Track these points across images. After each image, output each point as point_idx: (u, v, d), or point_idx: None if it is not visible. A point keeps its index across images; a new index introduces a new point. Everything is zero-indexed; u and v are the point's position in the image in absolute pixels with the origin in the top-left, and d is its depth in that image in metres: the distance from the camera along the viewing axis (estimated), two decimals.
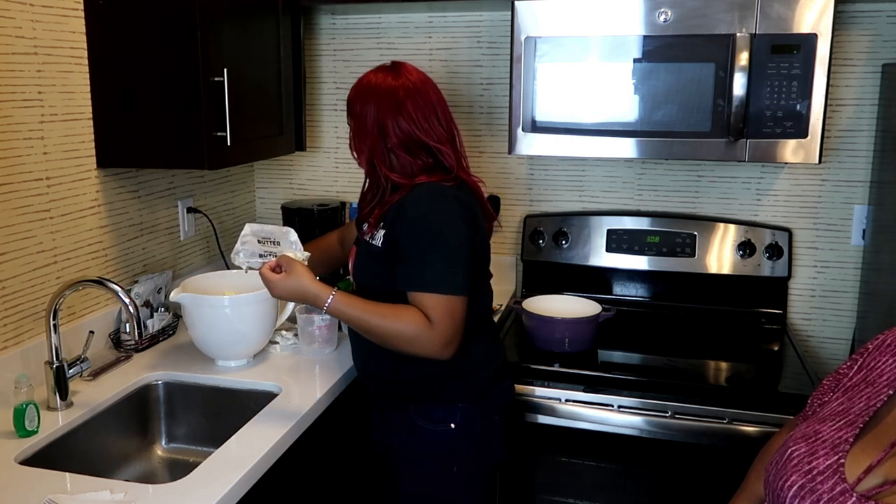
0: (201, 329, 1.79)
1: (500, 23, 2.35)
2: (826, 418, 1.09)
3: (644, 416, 1.82)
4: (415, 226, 1.52)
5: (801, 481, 1.00)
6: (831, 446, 1.02)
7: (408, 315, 1.49)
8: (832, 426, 1.06)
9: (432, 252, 1.50)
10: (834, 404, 1.12)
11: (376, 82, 1.59)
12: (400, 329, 1.49)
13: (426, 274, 1.50)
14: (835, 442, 1.03)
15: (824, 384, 1.21)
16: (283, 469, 1.52)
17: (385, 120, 1.57)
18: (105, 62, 1.80)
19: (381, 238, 1.58)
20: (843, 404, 1.10)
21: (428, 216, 1.52)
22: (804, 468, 1.01)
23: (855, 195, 2.21)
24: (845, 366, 1.18)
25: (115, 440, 1.67)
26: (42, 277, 1.72)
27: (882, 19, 2.11)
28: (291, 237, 1.68)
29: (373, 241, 1.60)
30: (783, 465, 1.04)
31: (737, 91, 1.84)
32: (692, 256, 2.26)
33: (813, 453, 1.03)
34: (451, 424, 1.60)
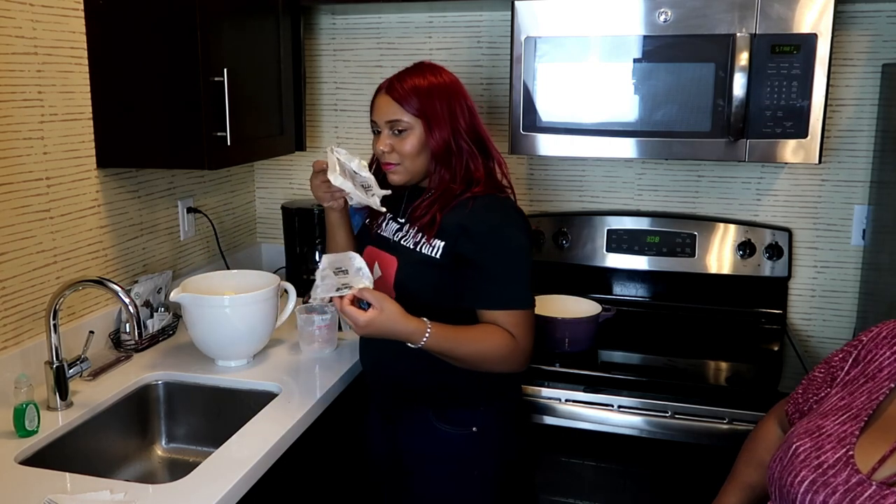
0: (201, 329, 1.79)
1: (500, 23, 2.35)
2: (828, 413, 1.09)
3: (644, 416, 1.82)
4: (492, 243, 1.51)
5: (813, 476, 1.00)
6: (837, 440, 1.03)
7: (496, 336, 1.49)
8: (835, 421, 1.06)
9: (512, 270, 1.51)
10: (833, 399, 1.12)
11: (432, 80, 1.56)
12: (493, 352, 1.49)
13: (508, 292, 1.51)
14: (840, 436, 1.03)
15: (817, 376, 1.21)
16: (283, 469, 1.52)
17: (455, 110, 1.54)
18: (105, 62, 1.80)
19: (440, 249, 1.52)
20: (843, 399, 1.10)
21: (503, 233, 1.52)
22: (813, 463, 1.02)
23: (855, 195, 2.21)
24: (838, 357, 1.18)
25: (115, 440, 1.67)
26: (42, 277, 1.72)
27: (882, 19, 2.11)
28: (356, 263, 1.51)
29: (424, 250, 1.54)
30: (789, 461, 1.05)
31: (737, 91, 1.84)
32: (692, 256, 2.26)
33: (820, 447, 1.03)
34: (473, 428, 1.59)
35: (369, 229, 1.69)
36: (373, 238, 1.66)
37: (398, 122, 1.54)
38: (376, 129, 1.58)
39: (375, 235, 1.65)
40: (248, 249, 2.63)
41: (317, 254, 2.44)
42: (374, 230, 1.67)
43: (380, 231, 1.66)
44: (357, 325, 1.43)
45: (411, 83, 1.55)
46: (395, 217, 1.65)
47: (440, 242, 1.53)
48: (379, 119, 1.56)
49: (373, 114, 1.59)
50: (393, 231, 1.63)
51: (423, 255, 1.54)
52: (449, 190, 1.55)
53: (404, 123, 1.54)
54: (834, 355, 1.20)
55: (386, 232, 1.64)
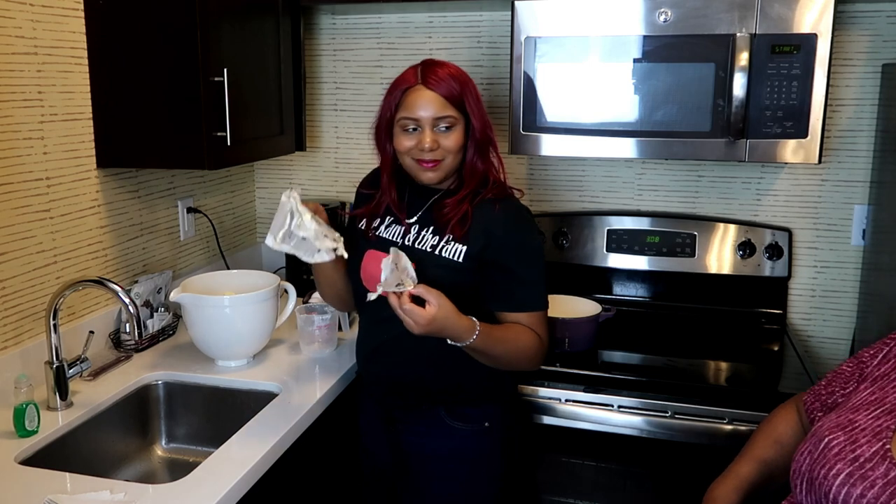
0: (201, 329, 1.79)
1: (500, 23, 2.35)
2: (859, 408, 1.09)
3: (644, 416, 1.82)
4: (518, 248, 1.53)
5: (849, 469, 1.00)
6: (873, 434, 1.02)
7: (527, 336, 1.52)
8: (868, 415, 1.06)
9: (535, 273, 1.54)
10: (864, 394, 1.11)
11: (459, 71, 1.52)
12: (525, 351, 1.52)
13: (533, 295, 1.54)
14: (876, 430, 1.03)
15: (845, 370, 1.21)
16: (283, 469, 1.52)
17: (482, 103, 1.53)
18: (105, 62, 1.80)
19: (462, 254, 1.51)
20: (874, 394, 1.09)
21: (527, 237, 1.55)
22: (848, 456, 1.01)
23: (855, 195, 2.21)
24: (868, 353, 1.18)
25: (115, 440, 1.67)
26: (42, 277, 1.71)
27: (882, 19, 2.11)
28: (403, 261, 1.41)
29: (445, 254, 1.52)
30: (821, 455, 1.04)
31: (737, 91, 1.84)
32: (692, 256, 2.25)
33: (854, 441, 1.03)
34: (485, 423, 1.60)
35: (364, 232, 1.63)
36: (371, 241, 1.60)
37: (446, 117, 1.48)
38: (413, 127, 1.49)
39: (375, 238, 1.60)
40: (248, 249, 2.63)
41: None
42: (371, 233, 1.62)
43: (379, 234, 1.61)
44: (417, 324, 1.37)
45: (446, 74, 1.50)
46: (397, 219, 1.60)
47: (461, 247, 1.51)
48: (423, 115, 1.48)
49: (410, 111, 1.49)
50: (399, 234, 1.58)
51: (444, 259, 1.52)
52: (479, 186, 1.54)
53: (451, 119, 1.49)
54: (864, 351, 1.20)
55: (388, 234, 1.59)
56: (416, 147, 1.49)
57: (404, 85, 1.51)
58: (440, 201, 1.56)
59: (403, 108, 1.50)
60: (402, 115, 1.50)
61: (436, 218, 1.55)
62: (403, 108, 1.50)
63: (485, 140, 1.53)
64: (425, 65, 1.53)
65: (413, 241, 1.56)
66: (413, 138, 1.50)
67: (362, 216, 1.65)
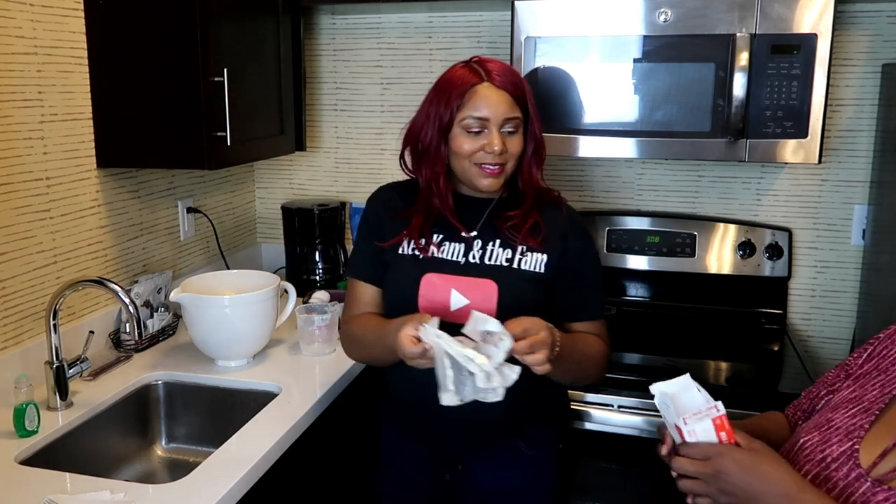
0: (201, 329, 1.79)
1: (500, 23, 2.34)
2: (838, 406, 1.08)
3: (644, 416, 1.82)
4: (589, 253, 1.48)
5: (815, 470, 0.99)
6: (845, 433, 1.01)
7: (598, 345, 1.45)
8: (845, 413, 1.05)
9: (601, 279, 1.50)
10: (845, 392, 1.11)
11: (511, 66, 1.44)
12: (598, 358, 1.45)
13: (601, 301, 1.50)
14: (849, 428, 1.02)
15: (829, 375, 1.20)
16: (283, 469, 1.52)
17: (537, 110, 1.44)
18: (105, 62, 1.80)
19: (543, 264, 1.40)
20: (854, 392, 1.09)
21: (592, 242, 1.50)
22: (817, 457, 1.00)
23: (855, 195, 2.21)
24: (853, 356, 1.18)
25: (115, 440, 1.67)
26: (42, 277, 1.71)
27: (882, 19, 2.11)
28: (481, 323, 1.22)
29: (525, 266, 1.40)
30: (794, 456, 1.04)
31: (737, 91, 1.84)
32: (692, 256, 2.25)
33: (826, 441, 1.02)
34: (560, 445, 1.53)
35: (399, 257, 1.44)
36: (423, 263, 1.42)
37: (513, 118, 1.37)
38: (477, 129, 1.36)
39: (426, 260, 1.42)
40: (248, 249, 2.63)
41: (316, 254, 2.44)
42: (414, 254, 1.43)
43: (432, 254, 1.42)
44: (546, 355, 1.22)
45: (509, 71, 1.39)
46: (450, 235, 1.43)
47: (541, 256, 1.41)
48: (494, 116, 1.35)
49: (478, 110, 1.35)
50: (459, 252, 1.42)
51: (526, 272, 1.40)
52: (539, 192, 1.44)
53: (517, 120, 1.38)
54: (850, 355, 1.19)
55: (447, 253, 1.42)
56: (482, 150, 1.36)
57: (467, 82, 1.36)
58: (500, 211, 1.44)
59: (468, 107, 1.35)
60: (468, 114, 1.35)
61: (500, 229, 1.42)
62: (468, 107, 1.35)
63: (543, 143, 1.44)
64: (484, 61, 1.40)
65: (481, 257, 1.42)
66: (477, 140, 1.36)
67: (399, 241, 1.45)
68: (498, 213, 1.44)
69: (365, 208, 1.55)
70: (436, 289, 1.39)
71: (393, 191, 1.54)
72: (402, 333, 1.24)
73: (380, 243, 1.47)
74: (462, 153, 1.38)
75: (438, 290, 1.39)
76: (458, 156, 1.39)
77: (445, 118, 1.37)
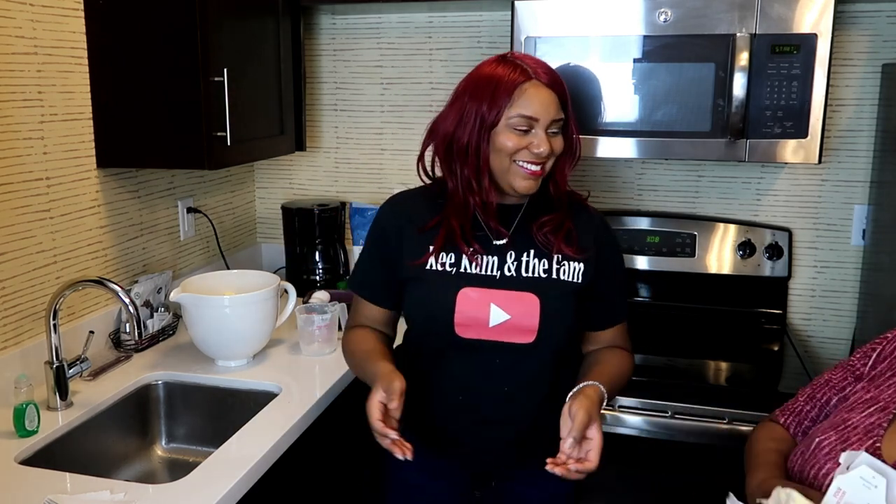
0: (201, 329, 1.79)
1: (500, 23, 2.34)
2: (854, 407, 1.08)
3: (644, 416, 1.82)
4: (620, 257, 1.45)
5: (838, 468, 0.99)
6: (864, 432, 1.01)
7: (623, 358, 1.41)
8: (862, 413, 1.05)
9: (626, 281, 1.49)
10: (860, 393, 1.11)
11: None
12: (628, 374, 1.42)
13: (625, 304, 1.47)
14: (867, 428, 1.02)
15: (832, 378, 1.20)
16: (283, 469, 1.52)
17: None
18: (105, 62, 1.80)
19: (580, 273, 1.35)
20: (869, 392, 1.09)
21: (618, 243, 1.47)
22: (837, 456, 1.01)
23: (855, 195, 2.21)
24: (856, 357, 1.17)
25: (115, 440, 1.67)
26: (42, 277, 1.71)
27: (882, 19, 2.11)
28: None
29: (564, 276, 1.34)
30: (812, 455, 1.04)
31: (737, 91, 1.84)
32: (692, 256, 2.25)
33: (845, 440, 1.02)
34: None
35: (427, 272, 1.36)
36: (457, 278, 1.35)
37: (559, 120, 1.32)
38: (525, 128, 1.29)
39: (459, 274, 1.35)
40: (248, 249, 2.63)
41: (316, 254, 2.44)
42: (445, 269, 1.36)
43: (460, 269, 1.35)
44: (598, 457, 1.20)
45: (552, 70, 1.34)
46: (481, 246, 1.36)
47: (579, 265, 1.35)
48: (544, 116, 1.29)
49: (528, 109, 1.29)
50: (493, 265, 1.35)
51: (566, 283, 1.34)
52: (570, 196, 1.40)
53: (562, 121, 1.33)
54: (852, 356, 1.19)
55: (481, 266, 1.35)
56: (526, 149, 1.29)
57: (515, 80, 1.29)
58: (533, 216, 1.38)
59: (518, 105, 1.28)
60: (518, 112, 1.28)
61: (534, 236, 1.36)
62: (518, 105, 1.28)
63: (579, 145, 1.38)
64: (523, 57, 1.33)
65: (517, 269, 1.35)
66: (523, 139, 1.30)
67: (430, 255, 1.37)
68: (530, 217, 1.38)
69: (377, 218, 1.46)
70: (473, 304, 1.32)
71: (410, 200, 1.45)
72: (370, 403, 1.23)
73: (410, 262, 1.38)
74: (506, 150, 1.30)
75: (476, 306, 1.32)
76: (501, 153, 1.31)
77: (490, 116, 1.29)
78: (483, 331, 1.32)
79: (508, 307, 1.32)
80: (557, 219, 1.36)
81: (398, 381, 1.24)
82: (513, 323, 1.31)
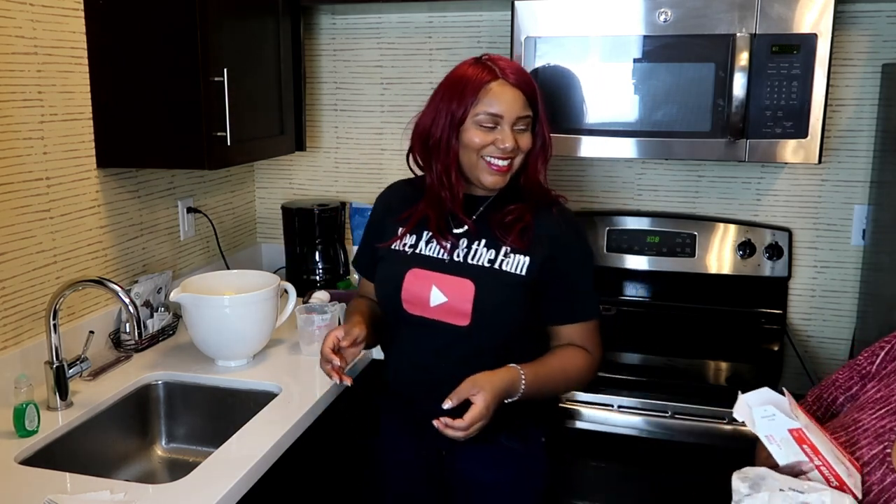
0: (201, 329, 1.79)
1: (500, 23, 2.34)
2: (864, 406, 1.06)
3: (644, 416, 1.82)
4: (579, 256, 1.47)
5: None
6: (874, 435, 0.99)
7: (577, 357, 1.45)
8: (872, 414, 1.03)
9: (591, 281, 1.49)
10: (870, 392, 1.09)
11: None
12: (577, 376, 1.46)
13: (591, 304, 1.49)
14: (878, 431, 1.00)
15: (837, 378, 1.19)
16: (283, 469, 1.52)
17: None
18: (105, 62, 1.80)
19: (525, 266, 1.41)
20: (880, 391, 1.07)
21: (584, 244, 1.50)
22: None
23: (855, 195, 2.21)
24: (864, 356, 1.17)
25: (115, 440, 1.67)
26: (42, 277, 1.71)
27: (882, 19, 2.11)
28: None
29: (506, 268, 1.41)
30: None
31: (737, 91, 1.83)
32: (692, 256, 2.25)
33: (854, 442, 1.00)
34: (542, 438, 1.52)
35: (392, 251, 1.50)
36: (411, 258, 1.47)
37: (526, 117, 1.40)
38: (491, 124, 1.38)
39: (414, 255, 1.47)
40: (248, 249, 2.63)
41: (316, 254, 2.44)
42: (404, 250, 1.48)
43: (417, 250, 1.47)
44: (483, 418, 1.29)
45: (521, 70, 1.42)
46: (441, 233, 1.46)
47: (524, 259, 1.41)
48: (508, 113, 1.37)
49: (493, 106, 1.37)
50: (447, 248, 1.45)
51: (507, 275, 1.41)
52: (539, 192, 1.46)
53: (529, 119, 1.41)
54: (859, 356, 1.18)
55: (434, 250, 1.46)
56: (493, 145, 1.38)
57: (482, 79, 1.38)
58: (497, 207, 1.45)
59: (483, 103, 1.37)
60: (483, 109, 1.37)
61: (491, 226, 1.44)
62: (483, 103, 1.37)
63: (550, 143, 1.46)
64: (496, 59, 1.42)
65: (464, 256, 1.44)
66: (489, 135, 1.38)
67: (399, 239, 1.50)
68: (494, 208, 1.46)
69: (374, 202, 1.64)
70: (418, 284, 1.44)
71: (399, 190, 1.59)
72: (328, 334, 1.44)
73: (379, 244, 1.53)
74: (473, 146, 1.39)
75: (421, 285, 1.44)
76: (468, 149, 1.40)
77: (459, 113, 1.39)
78: (426, 309, 1.43)
79: (447, 290, 1.42)
80: (518, 211, 1.43)
81: (358, 328, 1.44)
82: (450, 305, 1.41)
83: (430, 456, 1.52)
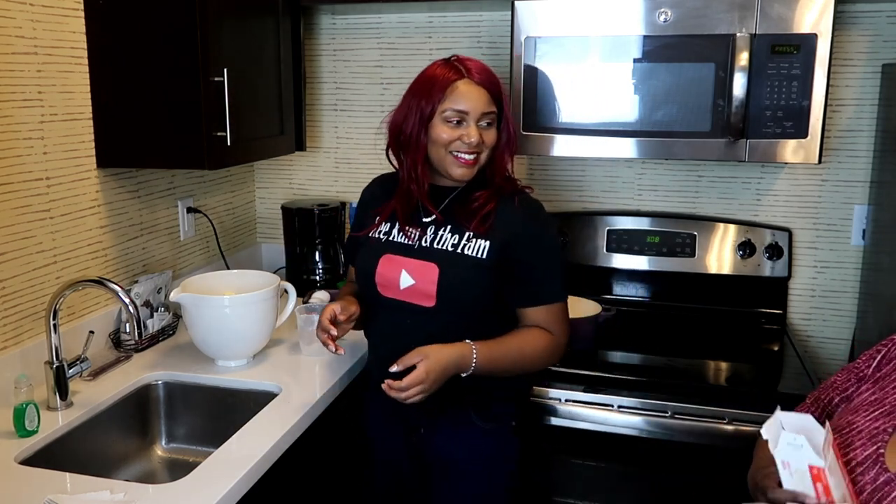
0: (201, 329, 1.79)
1: (500, 23, 2.34)
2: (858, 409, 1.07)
3: (644, 416, 1.82)
4: (539, 242, 1.54)
5: None
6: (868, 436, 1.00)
7: (534, 339, 1.53)
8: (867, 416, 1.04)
9: (556, 267, 1.55)
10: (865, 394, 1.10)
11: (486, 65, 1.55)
12: (536, 356, 1.54)
13: (553, 287, 1.55)
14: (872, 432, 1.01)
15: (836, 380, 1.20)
16: (284, 469, 1.52)
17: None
18: (105, 62, 1.80)
19: (486, 250, 1.50)
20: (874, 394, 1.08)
21: (546, 232, 1.57)
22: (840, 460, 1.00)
23: (855, 195, 2.21)
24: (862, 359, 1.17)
25: (115, 440, 1.67)
26: (42, 277, 1.71)
27: (882, 19, 2.11)
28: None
29: (468, 252, 1.51)
30: None
31: (737, 91, 1.83)
32: (692, 256, 2.25)
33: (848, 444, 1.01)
34: (512, 422, 1.62)
35: (369, 239, 1.62)
36: (385, 245, 1.58)
37: (490, 113, 1.50)
38: (457, 120, 1.48)
39: (387, 242, 1.58)
40: (248, 249, 2.63)
41: (316, 254, 2.44)
42: (379, 237, 1.60)
43: (390, 238, 1.59)
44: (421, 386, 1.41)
45: (486, 69, 1.52)
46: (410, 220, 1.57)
47: (485, 243, 1.51)
48: (473, 110, 1.48)
49: (458, 103, 1.48)
50: (416, 235, 1.56)
51: (468, 258, 1.51)
52: (503, 183, 1.55)
53: (493, 115, 1.51)
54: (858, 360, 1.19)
55: (405, 237, 1.57)
56: (459, 140, 1.48)
57: (449, 78, 1.49)
58: (463, 197, 1.55)
59: (450, 100, 1.48)
60: (449, 106, 1.48)
61: (456, 213, 1.54)
62: (450, 100, 1.48)
63: (515, 138, 1.57)
64: (463, 59, 1.53)
65: (431, 241, 1.55)
66: (456, 131, 1.49)
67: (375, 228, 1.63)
68: (461, 198, 1.56)
69: (360, 197, 1.75)
70: (390, 268, 1.55)
71: (381, 184, 1.72)
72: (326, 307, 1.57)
73: (355, 233, 1.68)
74: (440, 141, 1.49)
75: (392, 270, 1.55)
76: (437, 144, 1.50)
77: (427, 110, 1.49)
78: (397, 292, 1.54)
79: (414, 273, 1.52)
80: (482, 198, 1.53)
81: (354, 305, 1.59)
82: (417, 287, 1.52)
83: (411, 434, 1.61)
